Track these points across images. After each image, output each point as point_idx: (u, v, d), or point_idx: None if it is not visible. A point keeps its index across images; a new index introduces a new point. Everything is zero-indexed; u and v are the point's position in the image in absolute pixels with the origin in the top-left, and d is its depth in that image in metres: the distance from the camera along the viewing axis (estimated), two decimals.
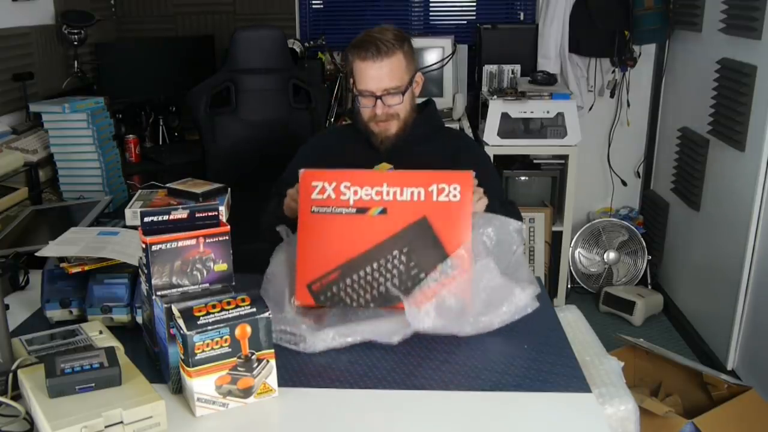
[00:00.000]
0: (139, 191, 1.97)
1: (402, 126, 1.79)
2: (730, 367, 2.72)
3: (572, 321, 1.93)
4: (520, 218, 1.80)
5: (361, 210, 1.42)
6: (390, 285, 1.42)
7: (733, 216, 2.70)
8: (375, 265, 1.42)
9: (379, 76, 1.71)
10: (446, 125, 2.05)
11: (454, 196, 1.40)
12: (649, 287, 3.52)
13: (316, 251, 1.43)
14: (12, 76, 2.66)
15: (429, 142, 1.83)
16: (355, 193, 1.42)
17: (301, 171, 1.45)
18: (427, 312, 1.36)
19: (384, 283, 1.42)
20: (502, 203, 1.75)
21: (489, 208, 1.56)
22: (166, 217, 1.21)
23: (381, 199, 1.42)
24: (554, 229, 3.27)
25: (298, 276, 1.44)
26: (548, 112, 3.11)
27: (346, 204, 1.42)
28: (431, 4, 3.76)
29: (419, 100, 1.88)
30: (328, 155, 1.88)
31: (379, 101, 1.73)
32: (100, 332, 1.33)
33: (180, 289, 1.22)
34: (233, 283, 1.26)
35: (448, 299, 1.37)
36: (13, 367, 1.17)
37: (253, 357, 1.16)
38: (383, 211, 1.42)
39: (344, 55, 1.82)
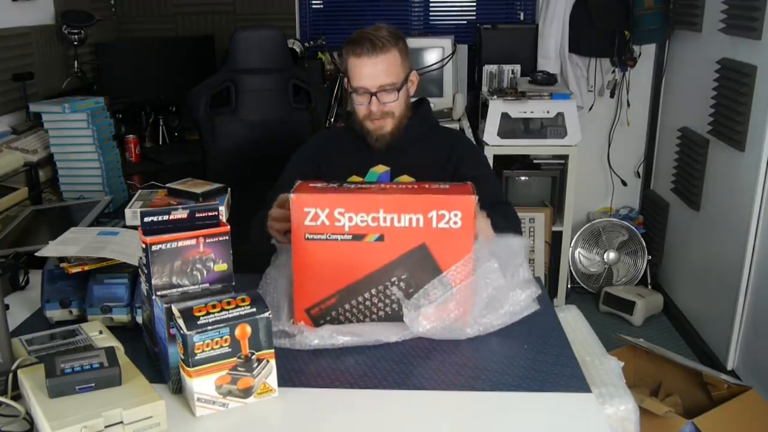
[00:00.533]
0: (139, 191, 1.97)
1: (397, 125, 1.77)
2: (730, 367, 2.72)
3: (572, 321, 1.93)
4: (517, 220, 1.79)
5: (358, 237, 1.36)
6: (389, 310, 1.40)
7: (733, 216, 2.70)
8: (374, 291, 1.39)
9: (374, 73, 1.69)
10: (441, 124, 2.03)
11: (455, 223, 1.34)
12: (649, 287, 3.52)
13: (312, 278, 1.39)
14: (12, 76, 2.66)
15: (424, 141, 1.82)
16: (350, 219, 1.35)
17: (291, 196, 1.36)
18: (426, 315, 1.36)
19: (383, 308, 1.41)
20: (497, 204, 1.74)
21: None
22: (166, 217, 1.21)
23: (378, 225, 1.35)
24: (554, 229, 3.27)
25: (295, 301, 1.41)
26: (548, 112, 3.11)
27: (341, 231, 1.36)
28: (431, 4, 3.77)
29: (412, 99, 1.87)
30: (324, 158, 1.86)
31: (374, 98, 1.71)
32: (100, 332, 1.33)
33: (180, 289, 1.22)
34: (233, 283, 1.26)
35: (449, 304, 1.37)
36: (13, 367, 1.17)
37: (253, 357, 1.16)
38: (380, 238, 1.36)
39: (339, 54, 1.80)
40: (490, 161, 3.15)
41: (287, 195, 1.39)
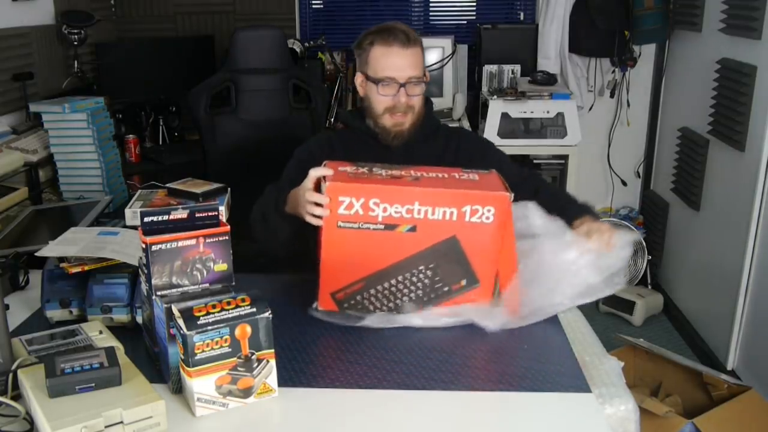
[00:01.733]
0: (139, 191, 1.97)
1: (414, 121, 1.75)
2: (730, 367, 2.72)
3: (572, 321, 1.93)
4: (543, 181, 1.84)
5: (390, 227, 1.37)
6: (413, 296, 1.43)
7: (733, 216, 2.70)
8: (400, 278, 1.41)
9: (405, 64, 1.68)
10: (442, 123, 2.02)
11: (488, 218, 1.36)
12: (649, 287, 3.52)
13: (341, 263, 1.40)
14: (12, 76, 2.66)
15: (431, 140, 1.81)
16: (384, 210, 1.36)
17: (328, 184, 1.36)
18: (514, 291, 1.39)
19: (408, 294, 1.43)
20: (531, 177, 1.79)
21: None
22: (166, 217, 1.21)
23: (411, 217, 1.37)
24: None
25: (321, 284, 1.43)
26: (548, 112, 3.11)
27: (374, 220, 1.37)
28: (431, 4, 3.76)
29: None
30: (334, 158, 1.82)
31: (402, 89, 1.69)
32: (100, 332, 1.33)
33: (180, 289, 1.22)
34: (233, 283, 1.26)
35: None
36: (13, 367, 1.17)
37: (253, 357, 1.16)
38: (412, 229, 1.37)
39: (358, 44, 1.74)
40: None
41: (318, 173, 1.40)
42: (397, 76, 1.68)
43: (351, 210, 1.36)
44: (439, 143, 1.82)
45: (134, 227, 1.68)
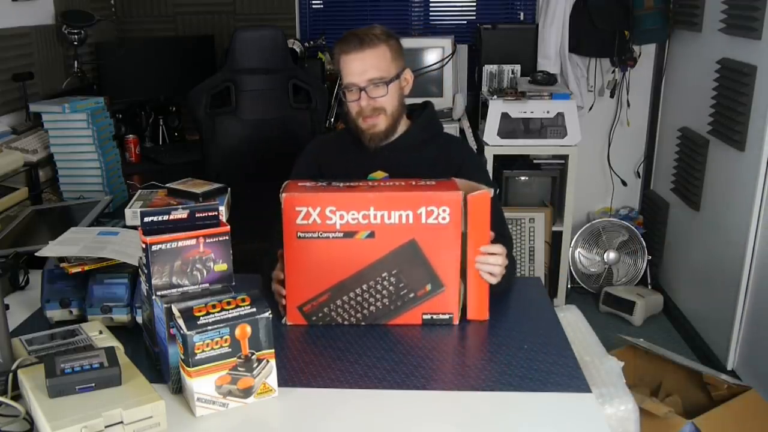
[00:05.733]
0: (139, 191, 1.97)
1: (391, 122, 1.72)
2: (730, 367, 2.72)
3: (572, 321, 1.93)
4: (513, 263, 1.64)
5: (349, 234, 1.39)
6: (380, 305, 1.43)
7: (733, 216, 2.70)
8: (365, 287, 1.42)
9: (362, 68, 1.67)
10: (446, 131, 1.97)
11: (443, 218, 1.38)
12: (649, 287, 3.52)
13: (304, 275, 1.42)
14: (12, 76, 2.66)
15: (426, 146, 1.78)
16: (341, 217, 1.38)
17: (283, 196, 1.39)
18: None
19: (374, 303, 1.43)
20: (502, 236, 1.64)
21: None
22: (166, 217, 1.21)
23: (368, 222, 1.38)
24: (554, 229, 3.27)
25: (288, 298, 1.44)
26: (548, 112, 3.11)
27: (332, 229, 1.39)
28: (431, 4, 3.76)
29: (419, 101, 1.86)
30: (325, 160, 1.81)
31: (363, 93, 1.68)
32: (100, 332, 1.33)
33: (180, 289, 1.22)
34: (233, 283, 1.26)
35: None
36: (13, 367, 1.17)
37: (253, 357, 1.16)
38: (371, 235, 1.39)
39: (333, 54, 1.78)
40: (490, 161, 3.15)
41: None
42: (356, 81, 1.68)
43: (309, 220, 1.39)
44: (434, 150, 1.78)
45: (134, 227, 1.68)
